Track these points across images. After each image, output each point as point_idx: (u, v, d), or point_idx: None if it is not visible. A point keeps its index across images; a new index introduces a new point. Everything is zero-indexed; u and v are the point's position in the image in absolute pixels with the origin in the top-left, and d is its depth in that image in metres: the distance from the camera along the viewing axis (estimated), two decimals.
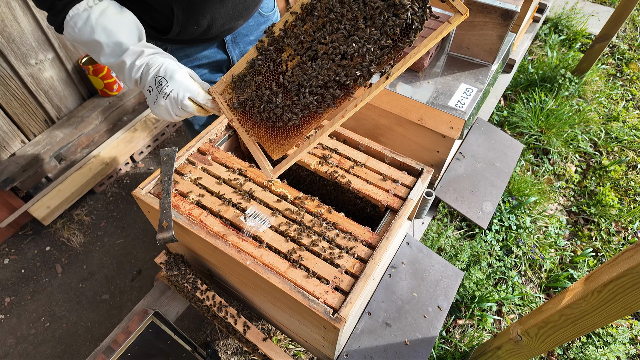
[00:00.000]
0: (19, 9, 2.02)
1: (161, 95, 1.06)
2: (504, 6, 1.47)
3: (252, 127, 1.07)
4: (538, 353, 1.48)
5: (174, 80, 1.05)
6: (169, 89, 1.05)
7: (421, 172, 1.29)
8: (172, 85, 1.05)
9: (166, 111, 1.08)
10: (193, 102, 1.07)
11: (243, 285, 1.34)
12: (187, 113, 1.09)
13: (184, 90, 1.05)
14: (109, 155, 2.63)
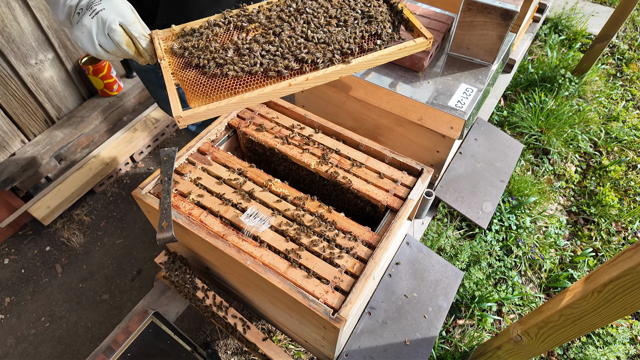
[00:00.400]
0: (19, 9, 2.02)
1: (88, 12, 0.88)
2: (504, 6, 1.47)
3: (182, 70, 0.96)
4: (538, 353, 1.48)
5: (110, 2, 0.89)
6: (99, 7, 0.88)
7: (421, 172, 1.29)
8: (105, 4, 0.88)
9: (88, 35, 0.89)
10: (125, 31, 0.91)
11: (243, 285, 1.34)
12: (113, 46, 0.91)
13: (117, 14, 0.89)
14: (109, 155, 2.63)
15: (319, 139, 1.38)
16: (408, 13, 1.06)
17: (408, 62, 1.66)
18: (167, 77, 0.94)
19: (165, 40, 1.00)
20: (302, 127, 1.41)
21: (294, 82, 0.93)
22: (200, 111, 0.90)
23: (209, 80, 0.93)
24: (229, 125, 1.43)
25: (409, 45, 1.00)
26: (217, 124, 1.40)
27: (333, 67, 0.95)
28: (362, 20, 1.02)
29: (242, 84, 0.93)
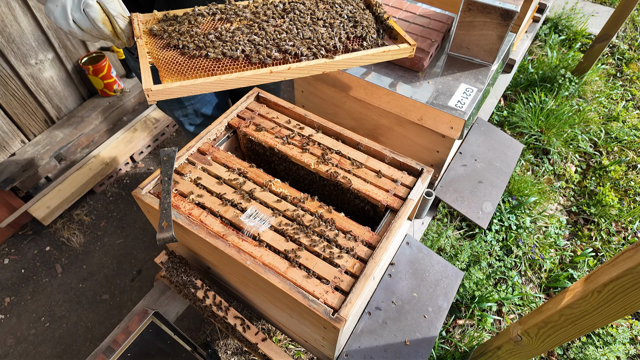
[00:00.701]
0: (19, 9, 2.02)
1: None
2: (504, 6, 1.47)
3: (159, 49, 0.93)
4: (538, 353, 1.48)
5: None
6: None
7: (421, 172, 1.29)
8: None
9: (62, 9, 0.83)
10: (102, 8, 0.86)
11: (243, 285, 1.34)
12: (88, 23, 0.85)
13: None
14: (109, 155, 2.63)
15: (319, 139, 1.38)
16: (392, 22, 1.08)
17: (408, 62, 1.66)
18: (141, 53, 0.89)
19: (144, 24, 0.97)
20: (302, 127, 1.41)
21: (276, 69, 0.91)
22: (173, 87, 0.85)
23: (186, 59, 0.90)
24: (229, 125, 1.43)
25: (393, 49, 1.01)
26: (217, 124, 1.40)
27: (316, 61, 0.95)
28: (348, 24, 1.04)
29: (221, 68, 0.90)
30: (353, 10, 1.08)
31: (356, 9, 1.10)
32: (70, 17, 0.84)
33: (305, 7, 1.06)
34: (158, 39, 0.94)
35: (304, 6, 1.06)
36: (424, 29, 1.72)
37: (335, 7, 1.08)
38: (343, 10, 1.08)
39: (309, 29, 0.99)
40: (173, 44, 0.92)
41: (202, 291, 1.42)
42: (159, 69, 0.89)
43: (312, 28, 1.00)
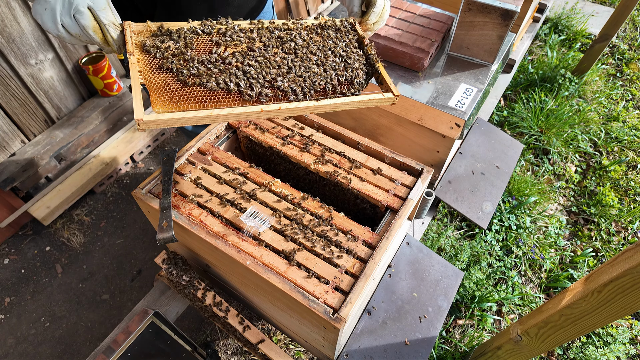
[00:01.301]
0: (19, 9, 2.02)
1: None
2: (504, 6, 1.47)
3: (151, 70, 0.90)
4: (538, 353, 1.48)
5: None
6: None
7: (421, 172, 1.29)
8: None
9: (51, 14, 0.80)
10: (93, 16, 0.84)
11: (243, 285, 1.34)
12: (78, 29, 0.83)
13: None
14: (109, 155, 2.63)
15: (318, 139, 1.38)
16: (381, 67, 1.10)
17: (408, 62, 1.66)
18: (133, 75, 0.88)
19: (137, 35, 0.94)
20: (302, 127, 1.41)
21: (267, 108, 0.92)
22: (165, 118, 0.85)
23: (179, 87, 0.88)
24: (229, 125, 1.43)
25: (377, 98, 1.04)
26: (217, 124, 1.40)
27: (305, 103, 0.97)
28: (339, 64, 1.05)
29: (212, 99, 0.90)
30: (345, 48, 1.09)
31: (348, 46, 1.10)
32: (60, 22, 0.81)
33: (301, 39, 1.06)
34: (151, 57, 0.91)
35: (299, 38, 1.06)
36: (424, 29, 1.72)
37: (328, 42, 1.09)
38: (336, 46, 1.09)
39: (302, 65, 1.01)
40: (166, 67, 0.90)
41: (201, 291, 1.42)
42: (150, 93, 0.88)
43: (305, 65, 1.01)
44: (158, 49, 0.92)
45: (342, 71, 1.04)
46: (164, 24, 0.97)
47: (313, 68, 1.01)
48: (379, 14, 1.13)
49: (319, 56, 1.05)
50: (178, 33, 0.96)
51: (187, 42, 0.95)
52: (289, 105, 0.94)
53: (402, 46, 1.64)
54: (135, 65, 0.89)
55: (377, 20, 1.14)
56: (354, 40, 1.13)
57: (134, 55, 0.90)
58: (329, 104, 1.00)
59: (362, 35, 1.13)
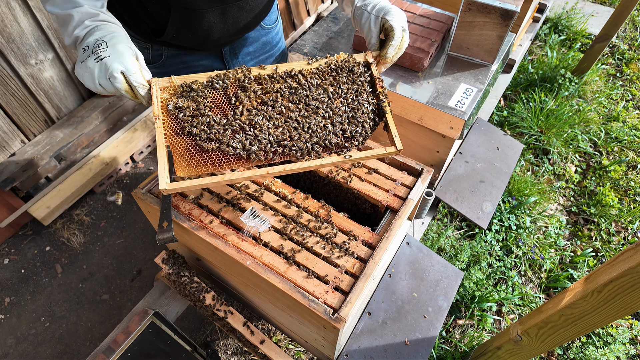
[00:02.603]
0: (19, 9, 2.02)
1: (93, 56, 0.94)
2: (504, 6, 1.47)
3: (174, 134, 1.00)
4: (538, 353, 1.48)
5: (115, 49, 0.95)
6: (104, 54, 0.94)
7: (421, 172, 1.29)
8: (110, 52, 0.94)
9: (90, 76, 0.95)
10: (125, 79, 0.97)
11: (243, 286, 1.34)
12: (114, 88, 0.97)
13: (120, 63, 0.94)
14: (109, 155, 2.63)
15: None
16: (390, 117, 1.11)
17: (408, 62, 1.66)
18: (159, 140, 0.97)
19: (162, 90, 1.02)
20: None
21: (272, 171, 1.01)
22: (184, 186, 0.96)
23: (197, 152, 0.99)
24: None
25: (380, 152, 1.09)
26: None
27: (308, 163, 1.03)
28: (347, 117, 1.08)
29: (224, 161, 1.00)
30: (356, 97, 1.10)
31: (359, 93, 1.11)
32: (97, 83, 0.95)
33: (311, 84, 1.09)
34: (174, 119, 1.01)
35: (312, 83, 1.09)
36: (424, 29, 1.72)
37: (339, 88, 1.10)
38: (347, 94, 1.10)
39: (308, 122, 1.05)
40: (187, 131, 0.99)
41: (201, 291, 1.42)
42: (173, 156, 0.99)
43: (311, 122, 1.05)
44: (180, 109, 1.01)
45: (346, 125, 1.08)
46: (186, 78, 1.04)
47: (319, 124, 1.06)
48: (398, 46, 1.13)
49: (327, 108, 1.08)
50: (197, 91, 1.03)
51: (205, 99, 1.03)
52: (292, 167, 1.02)
53: None
54: (161, 129, 0.99)
55: (396, 52, 1.14)
56: (367, 83, 1.13)
57: (159, 119, 0.99)
58: (332, 161, 1.05)
59: (376, 76, 1.13)
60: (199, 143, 0.99)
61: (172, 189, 0.95)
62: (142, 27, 1.27)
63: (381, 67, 1.17)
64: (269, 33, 1.53)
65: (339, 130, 1.06)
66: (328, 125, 1.06)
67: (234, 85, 1.05)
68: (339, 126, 1.07)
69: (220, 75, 1.05)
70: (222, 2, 1.21)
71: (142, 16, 1.24)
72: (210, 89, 1.04)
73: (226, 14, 1.26)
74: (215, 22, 1.26)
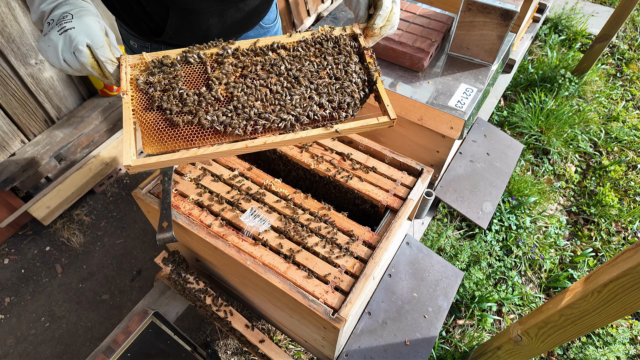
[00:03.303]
0: (19, 9, 2.02)
1: (57, 27, 0.85)
2: (504, 6, 1.47)
3: (143, 110, 0.92)
4: (538, 353, 1.48)
5: (81, 21, 0.86)
6: (69, 25, 0.85)
7: (421, 172, 1.29)
8: (76, 23, 0.86)
9: (54, 50, 0.86)
10: (91, 53, 0.88)
11: (243, 286, 1.34)
12: (78, 64, 0.88)
13: (87, 35, 0.86)
14: (109, 155, 2.63)
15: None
16: (380, 85, 1.03)
17: (408, 62, 1.66)
18: (126, 115, 0.90)
19: (133, 67, 0.95)
20: None
21: (251, 144, 0.91)
22: (151, 162, 0.87)
23: (167, 127, 0.90)
24: None
25: (372, 123, 0.98)
26: None
27: (292, 135, 0.93)
28: (333, 87, 0.99)
29: (198, 136, 0.90)
30: (343, 67, 1.03)
31: (347, 63, 1.04)
32: (61, 58, 0.87)
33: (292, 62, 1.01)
34: (143, 94, 0.92)
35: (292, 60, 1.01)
36: (424, 29, 1.72)
37: (325, 59, 1.03)
38: (333, 64, 1.03)
39: (290, 93, 0.96)
40: (156, 105, 0.91)
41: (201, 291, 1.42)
42: (141, 133, 0.90)
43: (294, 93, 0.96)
44: (150, 84, 0.92)
45: (334, 96, 0.98)
46: (159, 54, 0.96)
47: (303, 94, 0.97)
48: (386, 17, 1.08)
49: (312, 79, 0.99)
50: (170, 64, 0.95)
51: (178, 74, 0.94)
52: (274, 139, 0.92)
53: (402, 46, 1.64)
54: (129, 104, 0.91)
55: (385, 24, 1.09)
56: (354, 53, 1.06)
57: (127, 94, 0.91)
58: (317, 133, 0.95)
59: (363, 46, 1.07)
60: (169, 117, 0.90)
61: (138, 165, 0.86)
62: (141, 27, 1.27)
63: (369, 40, 1.11)
64: (268, 32, 1.53)
65: (325, 101, 0.98)
66: (313, 96, 0.97)
67: (210, 59, 0.98)
68: (326, 97, 0.98)
69: (194, 49, 0.98)
70: (221, 2, 1.21)
71: (141, 16, 1.24)
72: (184, 64, 0.96)
73: (225, 14, 1.26)
74: (214, 22, 1.26)
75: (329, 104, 0.98)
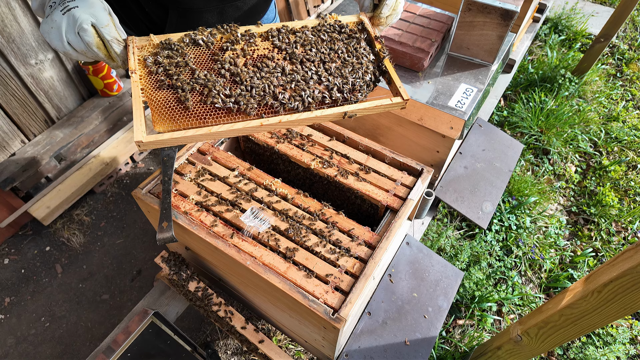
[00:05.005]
0: (19, 9, 2.02)
1: (60, 7, 0.83)
2: (504, 6, 1.47)
3: (152, 89, 0.90)
4: (538, 353, 1.48)
5: (85, 1, 0.84)
6: (72, 4, 0.83)
7: (421, 172, 1.29)
8: (79, 2, 0.84)
9: (57, 31, 0.83)
10: (97, 32, 0.86)
11: (243, 286, 1.34)
12: (83, 45, 0.86)
13: (90, 14, 0.84)
14: (109, 155, 2.63)
15: (318, 139, 1.38)
16: (389, 65, 1.04)
17: (408, 62, 1.66)
18: (135, 93, 0.88)
19: (140, 49, 0.94)
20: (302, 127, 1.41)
21: (266, 122, 0.90)
22: (164, 138, 0.85)
23: (179, 105, 0.88)
24: None
25: (385, 103, 0.98)
26: None
27: (307, 114, 0.93)
28: (345, 69, 1.00)
29: (213, 115, 0.89)
30: (353, 51, 1.04)
31: (356, 48, 1.05)
32: (65, 39, 0.84)
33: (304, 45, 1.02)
34: (153, 74, 0.92)
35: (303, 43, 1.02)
36: (424, 29, 1.72)
37: (335, 44, 1.04)
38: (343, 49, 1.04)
39: (304, 74, 0.97)
40: (167, 83, 0.90)
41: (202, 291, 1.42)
42: (151, 112, 0.88)
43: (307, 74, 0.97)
44: (159, 64, 0.91)
45: (346, 78, 0.99)
46: (167, 36, 0.96)
47: (315, 77, 0.97)
48: (392, 7, 1.08)
49: (323, 62, 1.00)
50: (179, 45, 0.94)
51: (188, 55, 0.93)
52: (289, 118, 0.91)
53: (402, 46, 1.64)
54: (137, 83, 0.89)
55: (390, 13, 1.09)
56: (363, 40, 1.07)
57: (135, 73, 0.90)
58: (332, 113, 0.95)
59: (372, 32, 1.08)
60: (181, 95, 0.88)
61: (150, 141, 0.83)
62: (140, 27, 1.27)
63: (375, 30, 1.12)
64: None
65: (339, 82, 0.98)
66: (328, 77, 0.98)
67: (221, 42, 0.98)
68: (340, 79, 0.99)
69: (203, 31, 0.98)
70: (220, 2, 1.21)
71: (139, 16, 1.24)
72: (193, 46, 0.96)
73: (224, 13, 1.26)
74: (213, 21, 1.26)
75: (343, 85, 0.98)
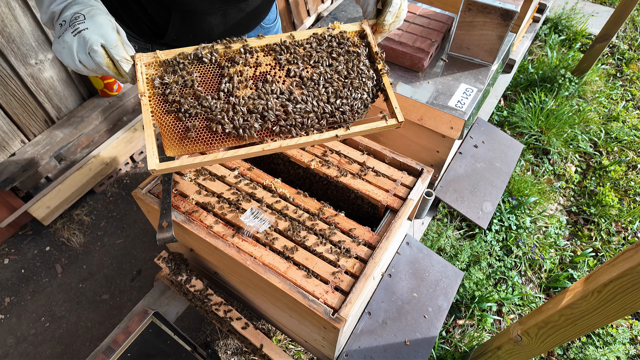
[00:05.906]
0: (19, 9, 2.01)
1: (70, 29, 0.87)
2: (504, 6, 1.47)
3: (161, 112, 0.93)
4: (538, 353, 1.48)
5: (93, 21, 0.88)
6: (82, 26, 0.87)
7: (421, 172, 1.29)
8: (89, 24, 0.87)
9: (69, 52, 0.87)
10: (106, 53, 0.90)
11: (243, 286, 1.34)
12: (94, 64, 0.90)
13: (100, 35, 0.88)
14: (109, 155, 2.63)
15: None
16: (388, 87, 1.05)
17: (408, 62, 1.66)
18: (146, 118, 0.91)
19: (147, 66, 0.96)
20: None
21: (268, 148, 0.94)
22: (174, 166, 0.90)
23: (186, 130, 0.92)
24: None
25: (380, 125, 1.01)
26: None
27: (305, 138, 0.97)
28: (343, 90, 1.02)
29: (218, 140, 0.93)
30: (353, 68, 1.05)
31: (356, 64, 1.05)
32: (77, 59, 0.88)
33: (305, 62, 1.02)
34: (161, 96, 0.94)
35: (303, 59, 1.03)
36: (424, 29, 1.72)
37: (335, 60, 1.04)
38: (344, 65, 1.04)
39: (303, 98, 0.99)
40: (175, 107, 0.93)
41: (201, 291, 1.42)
42: (162, 135, 0.92)
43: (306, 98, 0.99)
44: (166, 86, 0.94)
45: (346, 99, 1.01)
46: (172, 52, 0.97)
47: (317, 99, 0.99)
48: (395, 14, 1.08)
49: (325, 82, 1.02)
50: (184, 63, 0.96)
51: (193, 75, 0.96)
52: (289, 143, 0.96)
53: (402, 46, 1.64)
54: (147, 107, 0.91)
55: (394, 20, 1.10)
56: (364, 54, 1.07)
57: (145, 96, 0.92)
58: (329, 137, 0.99)
59: (373, 46, 1.08)
60: (187, 122, 0.92)
61: (162, 169, 0.88)
62: (142, 29, 1.27)
63: (378, 37, 1.12)
64: (268, 32, 1.53)
65: (339, 104, 1.00)
66: (327, 100, 1.00)
67: (223, 58, 0.99)
68: (339, 100, 1.01)
69: (208, 47, 0.99)
70: (224, 3, 1.21)
71: (142, 18, 1.24)
72: (198, 63, 0.98)
73: (227, 15, 1.26)
74: (216, 23, 1.25)
75: (342, 107, 1.01)
